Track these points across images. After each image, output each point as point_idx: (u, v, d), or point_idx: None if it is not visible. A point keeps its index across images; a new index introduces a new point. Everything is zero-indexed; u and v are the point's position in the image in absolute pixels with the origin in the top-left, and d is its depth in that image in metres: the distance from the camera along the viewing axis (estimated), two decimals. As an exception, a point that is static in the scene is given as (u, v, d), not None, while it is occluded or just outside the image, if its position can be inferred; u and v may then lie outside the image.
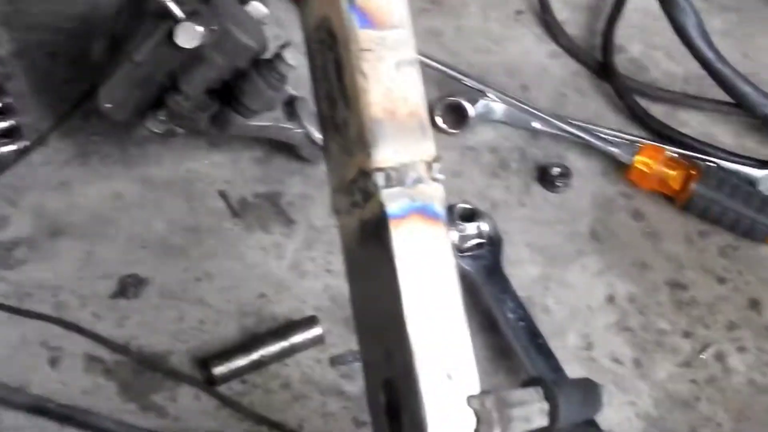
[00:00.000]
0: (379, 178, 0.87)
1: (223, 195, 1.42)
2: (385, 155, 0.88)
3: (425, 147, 0.90)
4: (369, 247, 0.90)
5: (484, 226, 1.39)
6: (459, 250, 1.36)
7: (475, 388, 0.87)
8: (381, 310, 0.89)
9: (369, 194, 0.88)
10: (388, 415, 0.89)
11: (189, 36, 1.24)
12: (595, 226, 1.49)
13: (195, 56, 1.26)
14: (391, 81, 0.89)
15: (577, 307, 1.39)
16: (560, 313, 1.38)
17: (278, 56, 1.31)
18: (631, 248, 1.48)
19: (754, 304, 1.44)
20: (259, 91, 1.31)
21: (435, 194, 0.89)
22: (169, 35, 1.24)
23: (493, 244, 1.39)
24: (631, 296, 1.42)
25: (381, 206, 0.87)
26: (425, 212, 0.88)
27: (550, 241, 1.46)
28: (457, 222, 1.37)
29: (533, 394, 0.94)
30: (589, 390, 1.06)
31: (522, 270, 1.42)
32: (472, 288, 1.35)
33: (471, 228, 1.38)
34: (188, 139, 1.44)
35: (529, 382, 0.96)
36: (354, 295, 0.95)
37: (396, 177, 0.88)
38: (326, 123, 0.94)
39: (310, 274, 1.36)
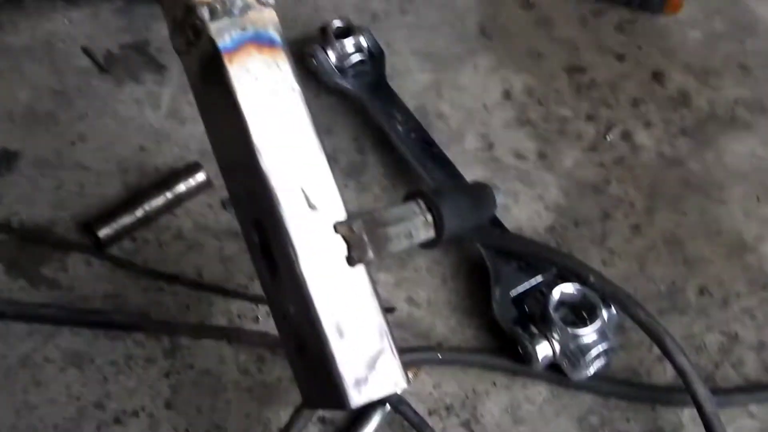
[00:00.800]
0: (204, 12, 0.83)
1: (86, 51, 1.34)
2: None
3: None
4: (211, 85, 0.85)
5: (363, 41, 1.32)
6: (340, 69, 1.31)
7: (342, 215, 0.84)
8: (235, 150, 0.85)
9: (198, 30, 0.84)
10: (262, 253, 0.86)
11: None
12: (484, 22, 1.43)
13: None
14: None
15: (473, 108, 1.35)
16: (456, 118, 1.34)
17: None
18: (523, 39, 1.42)
19: (657, 76, 1.41)
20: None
21: (267, 19, 0.84)
22: None
23: (374, 58, 1.33)
24: (528, 88, 1.37)
25: (212, 41, 0.82)
26: (260, 40, 0.84)
27: (438, 45, 1.40)
28: (334, 41, 1.31)
29: (413, 208, 0.91)
30: (478, 193, 1.04)
31: (411, 79, 1.36)
32: (359, 106, 1.30)
33: (348, 45, 1.31)
34: (42, 1, 1.36)
35: (407, 197, 0.93)
36: (210, 136, 0.91)
37: (221, 8, 0.83)
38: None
39: (189, 119, 1.30)
